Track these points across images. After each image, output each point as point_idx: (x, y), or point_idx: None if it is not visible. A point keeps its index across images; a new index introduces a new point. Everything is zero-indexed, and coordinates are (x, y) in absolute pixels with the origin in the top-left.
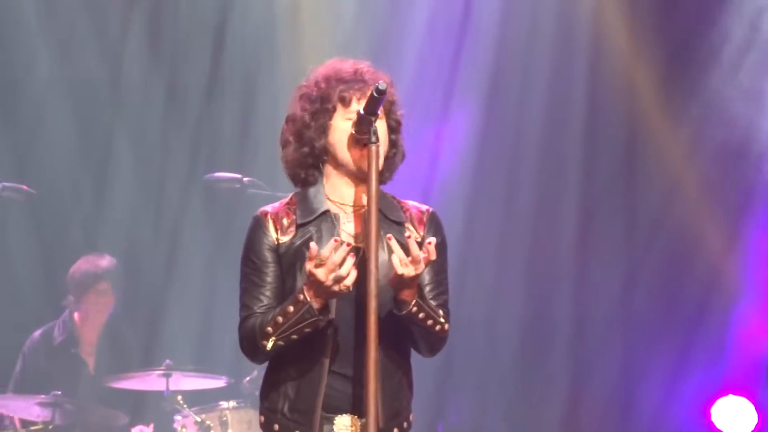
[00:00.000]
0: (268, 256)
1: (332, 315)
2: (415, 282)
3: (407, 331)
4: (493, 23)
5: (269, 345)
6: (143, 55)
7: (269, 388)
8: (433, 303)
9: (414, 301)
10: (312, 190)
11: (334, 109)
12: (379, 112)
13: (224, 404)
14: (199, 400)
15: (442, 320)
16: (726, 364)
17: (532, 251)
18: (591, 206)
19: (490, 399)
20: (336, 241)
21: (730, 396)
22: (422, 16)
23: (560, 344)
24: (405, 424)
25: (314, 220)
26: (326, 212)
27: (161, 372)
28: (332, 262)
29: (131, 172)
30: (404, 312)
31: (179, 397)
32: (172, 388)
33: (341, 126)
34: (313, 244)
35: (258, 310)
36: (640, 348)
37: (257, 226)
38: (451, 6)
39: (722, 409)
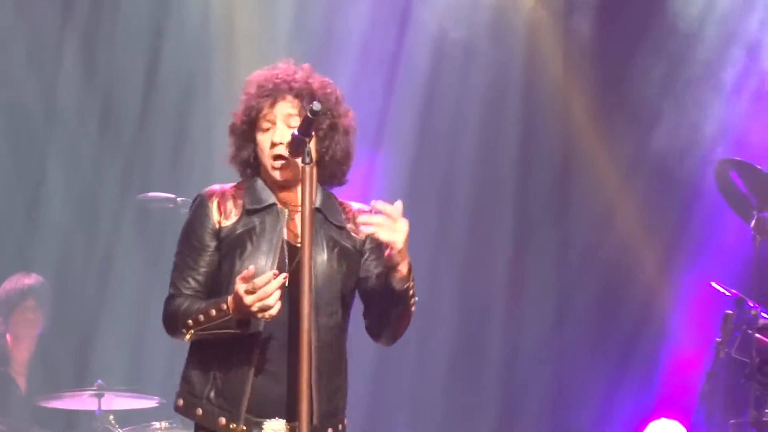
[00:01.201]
0: (207, 239)
1: (258, 329)
2: (406, 254)
3: (374, 316)
4: (426, 50)
5: (187, 336)
6: (77, 76)
7: (193, 371)
8: None
9: (411, 274)
10: (260, 182)
11: (255, 121)
12: (312, 134)
13: (156, 425)
14: (131, 419)
15: (415, 298)
16: (659, 387)
17: (465, 277)
18: (524, 233)
19: (422, 419)
20: (275, 275)
21: (663, 419)
22: (357, 39)
23: (493, 370)
24: (340, 426)
25: (261, 211)
26: (273, 205)
27: (93, 392)
28: (264, 292)
29: (64, 191)
30: (405, 286)
31: (111, 417)
32: (104, 407)
33: (260, 139)
34: (251, 267)
35: (185, 292)
36: (573, 373)
37: (201, 206)
38: (385, 31)
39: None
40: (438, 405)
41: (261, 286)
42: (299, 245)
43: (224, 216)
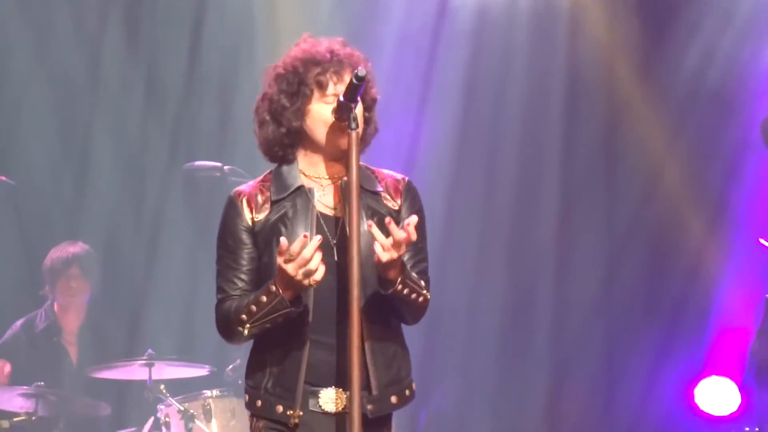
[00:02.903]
0: (243, 237)
1: (307, 302)
2: (398, 263)
3: (391, 303)
4: (469, 15)
5: (244, 332)
6: (122, 48)
7: (253, 367)
8: (414, 274)
9: (399, 279)
10: (286, 168)
11: (312, 93)
12: (358, 99)
13: (207, 393)
14: (183, 389)
15: (424, 291)
16: (709, 346)
17: (513, 241)
18: (571, 196)
19: (473, 387)
20: (305, 237)
21: (714, 377)
22: (399, 11)
23: (542, 332)
24: (407, 392)
25: (289, 196)
26: (300, 187)
27: (144, 361)
28: (302, 258)
29: (111, 163)
30: (390, 291)
31: (162, 387)
32: (154, 377)
33: (318, 109)
34: (283, 239)
35: (233, 293)
36: (623, 334)
37: (231, 207)
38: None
39: (706, 391)
40: (490, 369)
41: (298, 252)
42: (338, 216)
43: (256, 211)
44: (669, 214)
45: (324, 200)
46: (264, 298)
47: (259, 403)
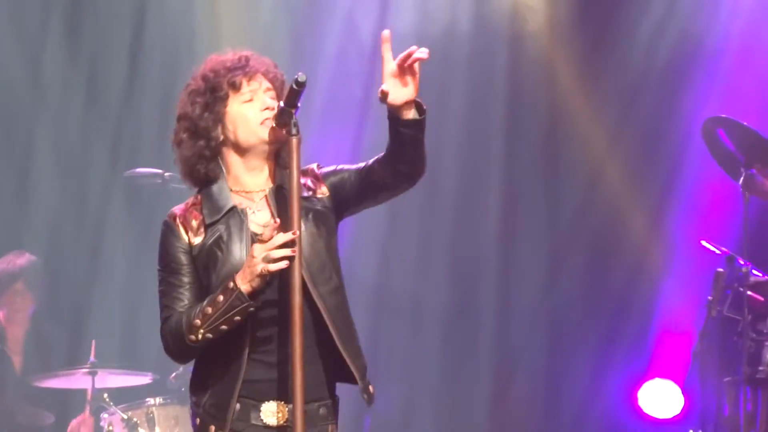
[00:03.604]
0: (183, 258)
1: (259, 303)
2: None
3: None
4: (409, 23)
5: (198, 337)
6: (62, 53)
7: (195, 384)
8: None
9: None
10: (215, 188)
11: (227, 96)
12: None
13: (151, 401)
14: (126, 397)
15: None
16: (652, 349)
17: (455, 243)
18: (514, 196)
19: (417, 390)
20: (275, 222)
21: (657, 379)
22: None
23: (486, 334)
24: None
25: (222, 218)
26: (233, 208)
27: (87, 370)
28: (273, 242)
29: (53, 169)
30: (423, 115)
31: (105, 395)
32: (97, 385)
33: (236, 110)
34: (266, 231)
35: (180, 309)
36: (566, 336)
37: (168, 231)
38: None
39: (649, 393)
40: (434, 372)
41: (270, 237)
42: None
43: (192, 233)
44: (611, 215)
45: (257, 218)
46: (221, 297)
47: (198, 420)
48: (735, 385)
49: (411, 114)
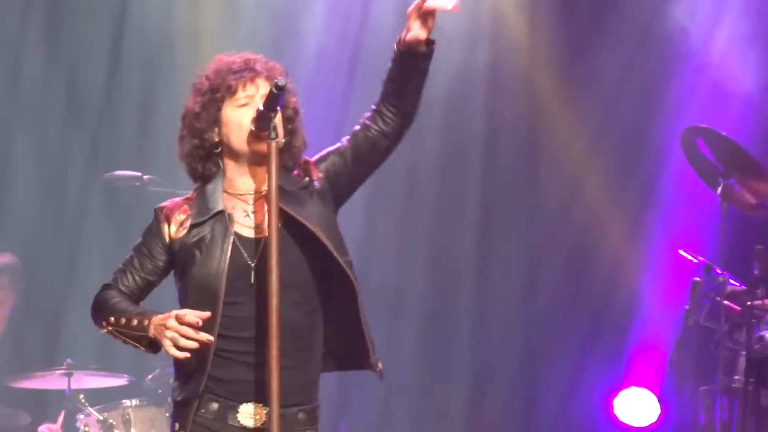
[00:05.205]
0: (156, 252)
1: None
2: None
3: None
4: (389, 23)
5: (103, 331)
6: (42, 54)
7: (174, 383)
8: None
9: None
10: (210, 187)
11: (222, 99)
12: (278, 109)
13: (127, 402)
14: (102, 398)
15: None
16: (628, 357)
17: (433, 249)
18: (492, 205)
19: (393, 394)
20: (201, 318)
21: (633, 388)
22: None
23: (462, 341)
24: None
25: (208, 221)
26: (220, 212)
27: (63, 371)
28: (185, 330)
29: (31, 171)
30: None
31: (81, 396)
32: (74, 387)
33: (229, 114)
34: (190, 316)
35: (120, 287)
36: (542, 343)
37: (154, 221)
38: (349, 7)
39: (625, 401)
40: (410, 377)
41: (191, 323)
42: (258, 237)
43: (175, 229)
44: (589, 222)
45: (247, 221)
46: (134, 322)
47: (171, 418)
48: (711, 394)
49: (424, 48)
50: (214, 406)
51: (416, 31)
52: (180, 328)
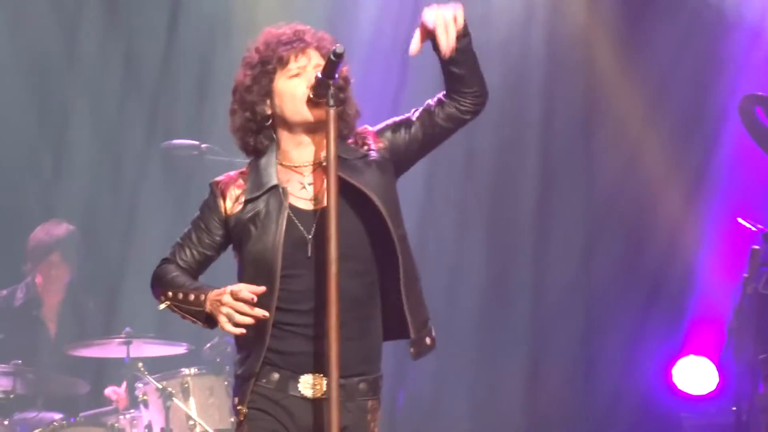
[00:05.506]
0: (212, 227)
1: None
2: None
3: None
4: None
5: (161, 306)
6: (99, 24)
7: (236, 355)
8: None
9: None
10: (263, 161)
11: (274, 71)
12: (337, 76)
13: (185, 371)
14: (160, 367)
15: None
16: (687, 325)
17: (492, 218)
18: (550, 172)
19: (451, 366)
20: (256, 293)
21: (691, 356)
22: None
23: (520, 312)
24: (433, 332)
25: (262, 195)
26: (275, 186)
27: (122, 339)
28: (241, 306)
29: (89, 140)
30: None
31: (140, 365)
32: (132, 355)
33: (282, 86)
34: (245, 292)
35: (179, 261)
36: (601, 312)
37: (210, 196)
38: None
39: (683, 370)
40: (467, 347)
41: (246, 299)
42: (316, 209)
43: (232, 205)
44: (647, 192)
45: (303, 194)
46: (191, 297)
47: (230, 390)
48: None
49: (463, 43)
50: (275, 376)
51: (444, 43)
52: (235, 304)
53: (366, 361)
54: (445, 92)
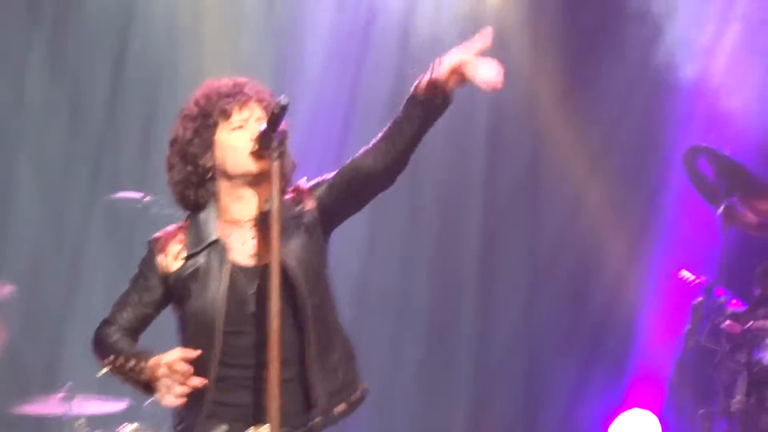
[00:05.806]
0: (152, 284)
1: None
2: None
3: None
4: (394, 41)
5: (102, 371)
6: (45, 73)
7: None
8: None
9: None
10: (202, 216)
11: (216, 124)
12: (279, 129)
13: (127, 426)
14: (100, 423)
15: None
16: (629, 377)
17: (436, 265)
18: (494, 224)
19: (394, 412)
20: (190, 358)
21: (634, 409)
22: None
23: (465, 358)
24: (352, 397)
25: (203, 251)
26: (215, 241)
27: (63, 395)
28: (175, 378)
29: (33, 191)
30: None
31: (81, 421)
32: (74, 411)
33: (224, 138)
34: (180, 364)
35: (120, 322)
36: (542, 363)
37: (149, 253)
38: (351, 31)
39: (625, 424)
40: (410, 394)
41: (181, 371)
42: (257, 265)
43: (171, 262)
44: (590, 245)
45: (244, 249)
46: (132, 363)
47: None
48: (709, 416)
49: (441, 102)
50: (223, 428)
51: (450, 84)
52: (172, 376)
53: (306, 412)
54: (376, 142)
